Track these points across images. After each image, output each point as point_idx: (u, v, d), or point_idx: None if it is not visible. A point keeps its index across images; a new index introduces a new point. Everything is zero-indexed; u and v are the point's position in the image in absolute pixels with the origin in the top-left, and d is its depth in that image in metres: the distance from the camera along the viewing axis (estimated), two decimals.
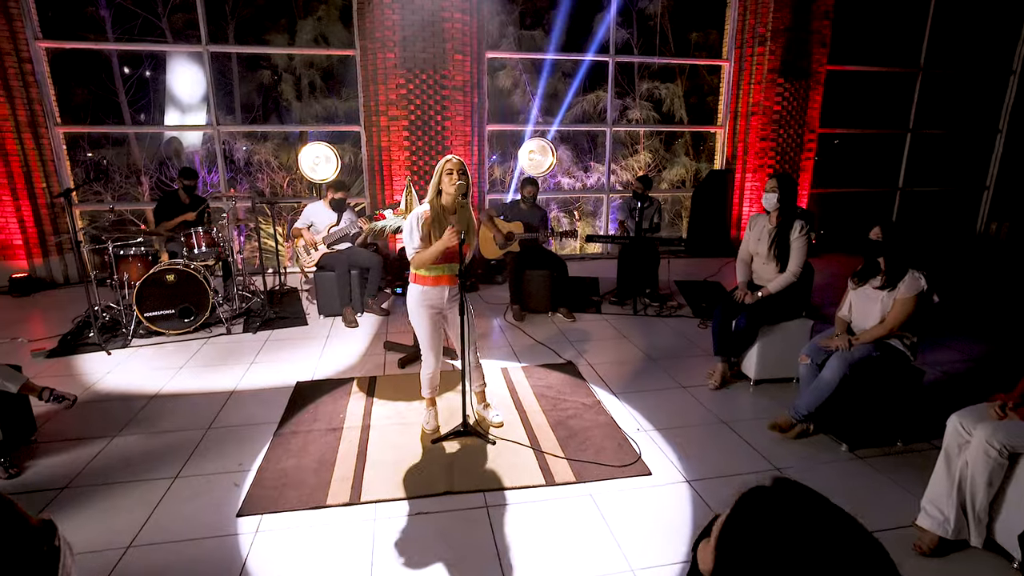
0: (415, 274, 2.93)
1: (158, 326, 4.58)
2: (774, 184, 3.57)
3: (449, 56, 6.58)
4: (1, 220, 5.96)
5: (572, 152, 12.38)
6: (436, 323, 3.01)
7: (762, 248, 3.69)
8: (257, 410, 3.42)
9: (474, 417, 3.25)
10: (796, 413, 3.03)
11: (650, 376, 3.93)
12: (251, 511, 2.46)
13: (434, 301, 2.94)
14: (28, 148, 6.02)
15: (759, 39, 7.42)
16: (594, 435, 3.11)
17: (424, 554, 2.21)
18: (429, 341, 3.01)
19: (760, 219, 3.79)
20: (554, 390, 3.69)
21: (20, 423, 2.98)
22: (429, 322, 2.96)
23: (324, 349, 4.45)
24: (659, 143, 12.63)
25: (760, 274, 3.80)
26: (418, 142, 6.75)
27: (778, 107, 7.55)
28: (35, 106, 6.06)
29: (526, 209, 5.36)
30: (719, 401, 3.53)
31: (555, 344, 4.52)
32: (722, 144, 8.13)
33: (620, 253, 5.75)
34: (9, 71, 5.83)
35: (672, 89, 12.17)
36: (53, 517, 2.42)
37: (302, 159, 6.04)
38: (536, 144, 6.21)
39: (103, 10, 9.61)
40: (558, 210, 12.22)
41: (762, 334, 3.64)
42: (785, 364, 3.65)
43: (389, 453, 2.94)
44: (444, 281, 2.92)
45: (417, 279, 2.92)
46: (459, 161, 2.85)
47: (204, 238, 4.89)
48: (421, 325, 2.98)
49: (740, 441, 3.05)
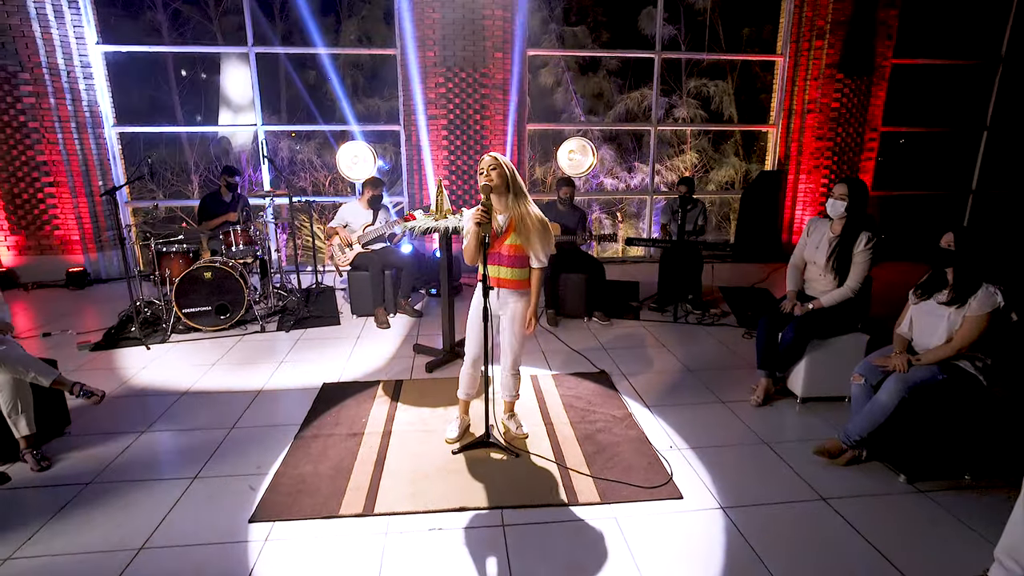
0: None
1: (195, 322, 4.67)
2: (844, 190, 3.27)
3: (489, 54, 6.49)
4: (60, 217, 6.25)
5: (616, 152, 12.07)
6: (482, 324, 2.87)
7: (819, 257, 3.40)
8: (281, 411, 3.40)
9: (499, 427, 3.14)
10: (847, 437, 2.76)
11: (687, 389, 3.71)
12: (263, 517, 2.41)
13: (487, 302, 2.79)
14: (86, 148, 6.30)
15: (817, 32, 6.99)
16: (623, 451, 2.93)
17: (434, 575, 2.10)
18: (473, 340, 2.90)
19: (821, 224, 3.49)
20: (584, 400, 3.52)
21: (53, 416, 3.05)
22: (476, 321, 2.84)
23: (354, 350, 4.42)
24: (707, 143, 12.16)
25: (813, 284, 3.51)
26: (456, 141, 6.69)
27: (836, 104, 7.10)
28: (94, 108, 6.33)
29: (563, 210, 5.19)
30: (761, 419, 3.28)
31: (589, 351, 4.35)
32: (774, 144, 7.72)
33: (661, 257, 5.51)
34: (71, 74, 6.11)
35: (721, 86, 11.68)
36: (72, 514, 2.47)
37: (340, 157, 6.07)
38: (576, 143, 6.03)
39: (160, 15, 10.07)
40: (600, 211, 11.95)
41: (811, 348, 3.36)
42: (836, 382, 3.35)
43: (408, 462, 2.85)
44: (497, 283, 2.79)
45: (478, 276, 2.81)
46: (491, 159, 2.71)
47: (242, 236, 4.96)
48: (470, 322, 2.88)
49: (782, 465, 2.80)
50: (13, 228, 6.22)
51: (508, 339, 2.92)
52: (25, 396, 2.79)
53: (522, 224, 2.71)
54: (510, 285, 2.82)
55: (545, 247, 2.78)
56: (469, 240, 2.70)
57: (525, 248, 2.73)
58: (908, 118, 8.07)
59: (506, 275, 2.80)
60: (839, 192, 3.28)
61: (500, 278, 2.81)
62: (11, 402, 2.75)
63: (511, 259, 2.77)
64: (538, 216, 2.77)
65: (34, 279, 6.28)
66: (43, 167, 6.09)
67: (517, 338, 2.91)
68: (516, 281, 2.82)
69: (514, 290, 2.83)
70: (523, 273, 2.83)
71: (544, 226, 2.77)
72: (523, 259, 2.78)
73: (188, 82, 11.23)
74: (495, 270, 2.81)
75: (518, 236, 2.72)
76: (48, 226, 6.23)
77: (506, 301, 2.86)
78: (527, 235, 2.72)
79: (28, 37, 5.82)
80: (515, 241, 2.73)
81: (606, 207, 12.12)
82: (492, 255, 2.78)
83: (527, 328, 2.84)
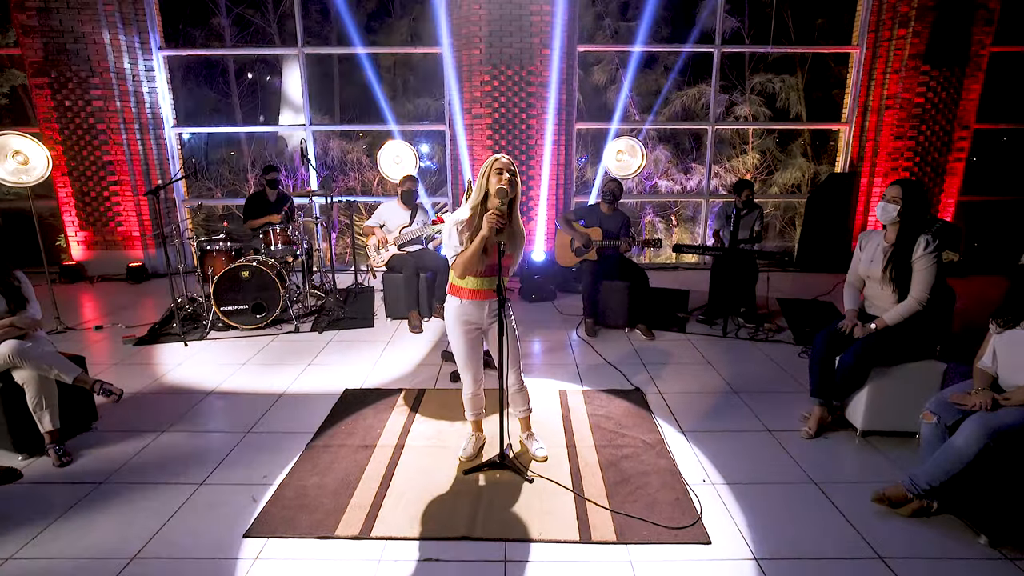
0: (452, 284, 2.66)
1: (232, 320, 4.73)
2: (897, 192, 2.87)
3: (536, 51, 6.29)
4: (123, 214, 6.57)
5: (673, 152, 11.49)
6: (474, 341, 2.71)
7: (875, 271, 3.00)
8: (299, 416, 3.33)
9: (516, 447, 2.94)
10: (914, 485, 2.37)
11: (730, 413, 3.36)
12: (258, 533, 2.32)
13: (471, 317, 2.64)
14: (147, 148, 6.59)
15: (900, 20, 6.33)
16: (649, 483, 2.65)
17: None
18: (466, 361, 2.73)
19: (873, 236, 3.10)
20: (613, 421, 3.25)
21: (79, 412, 3.11)
22: (465, 340, 2.68)
23: (382, 354, 4.34)
24: (772, 143, 11.35)
25: (875, 302, 3.10)
26: (501, 141, 6.53)
27: (920, 99, 6.41)
28: (155, 109, 6.61)
29: (607, 213, 4.91)
30: (812, 454, 2.90)
31: (626, 366, 4.07)
32: (846, 144, 7.08)
33: (713, 266, 5.12)
34: (136, 78, 6.40)
35: (788, 82, 10.86)
36: (78, 515, 2.48)
37: (381, 158, 6.04)
38: (625, 143, 5.71)
39: (223, 19, 10.52)
40: (653, 215, 11.42)
41: (875, 374, 2.95)
42: (905, 414, 2.92)
43: (416, 480, 2.69)
44: (483, 295, 2.62)
45: (453, 290, 2.64)
46: (509, 161, 2.52)
47: (280, 236, 4.99)
48: (457, 343, 2.70)
49: (833, 511, 2.44)
50: (82, 224, 6.60)
51: (510, 348, 2.70)
52: (50, 392, 2.84)
53: (517, 235, 2.61)
54: (494, 295, 2.62)
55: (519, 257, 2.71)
56: (473, 248, 2.49)
57: (510, 256, 2.62)
58: (1010, 114, 7.20)
59: (491, 285, 2.62)
60: (891, 195, 2.88)
61: (493, 290, 2.61)
62: (36, 398, 2.80)
63: (506, 269, 2.62)
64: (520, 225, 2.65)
65: (99, 272, 6.63)
66: (109, 166, 6.42)
67: (517, 345, 2.73)
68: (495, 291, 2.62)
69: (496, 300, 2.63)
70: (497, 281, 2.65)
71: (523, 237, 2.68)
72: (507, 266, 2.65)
73: (250, 84, 11.69)
74: (490, 282, 2.61)
75: (512, 246, 2.60)
76: (112, 222, 6.56)
77: (494, 312, 2.66)
78: (515, 245, 2.61)
79: (98, 44, 6.14)
80: (510, 250, 2.60)
81: (660, 210, 11.56)
82: (492, 266, 2.58)
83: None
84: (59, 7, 6.02)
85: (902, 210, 2.84)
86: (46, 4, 6.00)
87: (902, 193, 2.85)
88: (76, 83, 6.19)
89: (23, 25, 6.08)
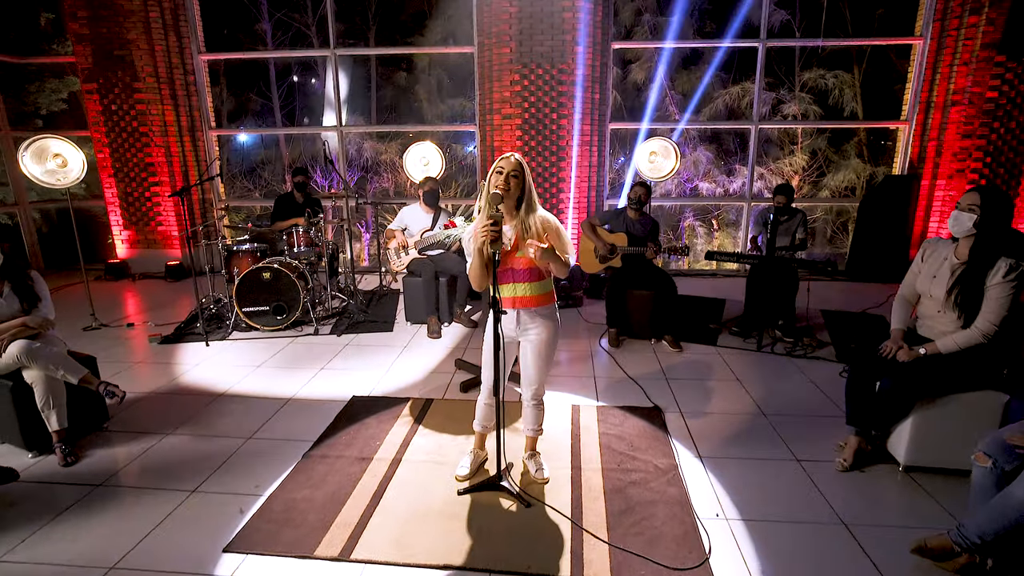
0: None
1: (254, 321, 4.76)
2: (974, 200, 2.49)
3: (568, 48, 6.09)
4: (163, 214, 6.78)
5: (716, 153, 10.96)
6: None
7: (937, 289, 2.65)
8: (302, 423, 3.27)
9: (519, 466, 2.77)
10: (963, 536, 2.05)
11: (755, 437, 3.08)
12: (238, 548, 2.24)
13: (502, 326, 2.46)
14: (187, 150, 6.78)
15: (969, 6, 5.78)
16: (656, 514, 2.43)
17: None
18: (486, 365, 2.58)
19: (942, 246, 2.73)
20: (625, 442, 3.04)
21: (91, 412, 3.15)
22: (492, 348, 2.48)
23: (396, 360, 4.25)
24: (824, 143, 10.64)
25: (929, 323, 2.76)
26: (531, 142, 6.36)
27: (993, 93, 5.84)
28: (194, 112, 6.79)
29: (633, 218, 4.67)
30: (845, 490, 2.60)
31: (648, 381, 3.83)
32: (905, 143, 6.54)
33: (749, 275, 4.80)
34: (176, 83, 6.60)
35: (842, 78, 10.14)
36: (70, 519, 2.48)
37: (408, 160, 5.98)
38: (658, 144, 5.43)
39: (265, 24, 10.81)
40: (694, 219, 10.92)
41: (923, 403, 2.62)
42: (956, 449, 2.58)
43: (407, 498, 2.57)
44: (512, 303, 2.44)
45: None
46: (517, 161, 2.33)
47: (303, 237, 5.00)
48: (485, 348, 2.55)
49: (863, 560, 2.16)
50: (126, 223, 6.85)
51: (532, 365, 2.53)
52: (57, 392, 2.87)
53: (536, 233, 2.33)
54: (531, 303, 2.44)
55: (567, 249, 2.41)
56: (473, 261, 2.35)
57: (513, 256, 2.38)
58: None
59: (524, 292, 2.43)
60: (968, 202, 2.51)
61: (517, 297, 2.44)
62: (44, 397, 2.84)
63: (527, 273, 2.39)
64: (552, 220, 2.41)
65: (141, 271, 6.87)
66: (150, 168, 6.64)
67: (544, 363, 2.53)
68: (537, 297, 2.44)
69: (536, 308, 2.45)
70: (544, 286, 2.45)
71: (560, 229, 2.41)
72: (541, 271, 2.41)
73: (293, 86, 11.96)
74: (511, 289, 2.45)
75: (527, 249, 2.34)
76: (152, 222, 6.79)
77: (527, 322, 2.48)
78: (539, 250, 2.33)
79: (142, 50, 6.35)
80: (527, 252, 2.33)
81: (700, 214, 11.05)
82: (504, 273, 2.42)
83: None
84: (107, 15, 6.26)
85: (979, 221, 2.48)
86: (95, 12, 6.25)
87: (980, 201, 2.47)
88: (121, 88, 6.43)
89: (76, 33, 6.37)
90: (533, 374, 2.54)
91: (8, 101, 7.47)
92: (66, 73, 8.58)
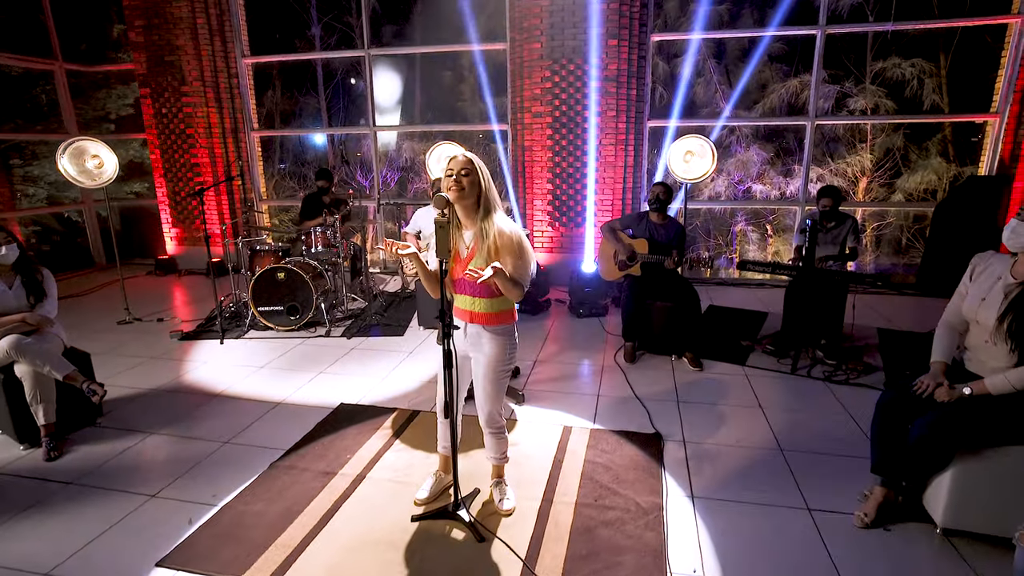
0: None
1: (269, 321, 4.79)
2: None
3: (602, 42, 5.76)
4: (208, 212, 7.04)
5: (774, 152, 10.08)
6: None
7: (987, 314, 2.18)
8: (283, 430, 3.20)
9: (486, 493, 2.55)
10: None
11: (764, 477, 2.69)
12: (171, 563, 2.16)
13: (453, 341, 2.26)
14: (230, 151, 7.01)
15: None
16: (622, 564, 2.13)
17: None
18: (440, 386, 2.38)
19: (996, 262, 2.27)
20: (611, 473, 2.74)
21: (82, 407, 3.20)
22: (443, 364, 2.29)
23: (397, 366, 4.13)
24: (902, 140, 9.51)
25: (977, 356, 2.28)
26: (562, 141, 6.09)
27: None
28: (237, 114, 7.01)
29: (656, 222, 4.30)
30: (862, 552, 2.19)
31: (657, 402, 3.48)
32: (994, 139, 5.71)
33: (788, 288, 4.31)
34: (221, 85, 6.83)
35: (921, 67, 9.02)
36: (31, 516, 2.50)
37: (430, 160, 5.85)
38: (696, 143, 5.00)
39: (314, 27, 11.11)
40: (746, 223, 10.10)
41: (965, 454, 2.16)
42: (1008, 513, 2.11)
43: (356, 521, 2.40)
44: (469, 316, 2.24)
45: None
46: (464, 160, 2.11)
47: (320, 238, 4.98)
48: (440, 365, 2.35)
49: None
50: (175, 221, 7.18)
51: (480, 387, 2.31)
52: (45, 388, 2.94)
53: (492, 243, 2.10)
54: (484, 320, 2.22)
55: (523, 272, 2.12)
56: (418, 268, 2.16)
57: (467, 267, 2.12)
58: None
59: (481, 307, 2.21)
60: None
61: (473, 311, 2.22)
62: (32, 392, 2.91)
63: (485, 287, 2.15)
64: (512, 232, 2.12)
65: (187, 267, 7.18)
66: (196, 168, 6.91)
67: (492, 386, 2.29)
68: (492, 315, 2.21)
69: (488, 326, 2.22)
70: (503, 303, 2.22)
71: (520, 245, 2.11)
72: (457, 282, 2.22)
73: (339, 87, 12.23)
74: (469, 302, 2.23)
75: (488, 259, 2.10)
76: (198, 220, 7.06)
77: (479, 339, 2.25)
78: (501, 256, 2.10)
79: (189, 55, 6.61)
80: (483, 264, 2.10)
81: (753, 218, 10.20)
82: (460, 283, 2.21)
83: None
84: (159, 23, 6.56)
85: None
86: (149, 21, 6.57)
87: None
88: (171, 92, 6.73)
89: (132, 42, 6.73)
90: (482, 398, 2.31)
91: (82, 107, 8.05)
92: (132, 79, 9.17)
